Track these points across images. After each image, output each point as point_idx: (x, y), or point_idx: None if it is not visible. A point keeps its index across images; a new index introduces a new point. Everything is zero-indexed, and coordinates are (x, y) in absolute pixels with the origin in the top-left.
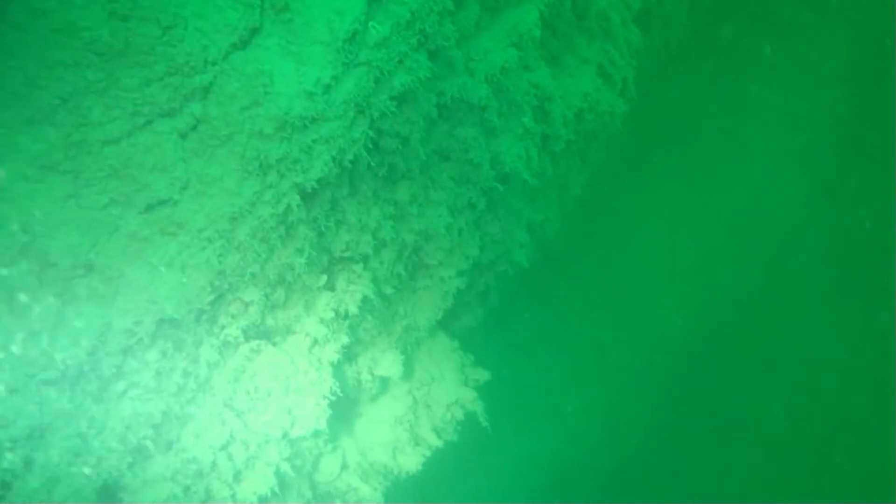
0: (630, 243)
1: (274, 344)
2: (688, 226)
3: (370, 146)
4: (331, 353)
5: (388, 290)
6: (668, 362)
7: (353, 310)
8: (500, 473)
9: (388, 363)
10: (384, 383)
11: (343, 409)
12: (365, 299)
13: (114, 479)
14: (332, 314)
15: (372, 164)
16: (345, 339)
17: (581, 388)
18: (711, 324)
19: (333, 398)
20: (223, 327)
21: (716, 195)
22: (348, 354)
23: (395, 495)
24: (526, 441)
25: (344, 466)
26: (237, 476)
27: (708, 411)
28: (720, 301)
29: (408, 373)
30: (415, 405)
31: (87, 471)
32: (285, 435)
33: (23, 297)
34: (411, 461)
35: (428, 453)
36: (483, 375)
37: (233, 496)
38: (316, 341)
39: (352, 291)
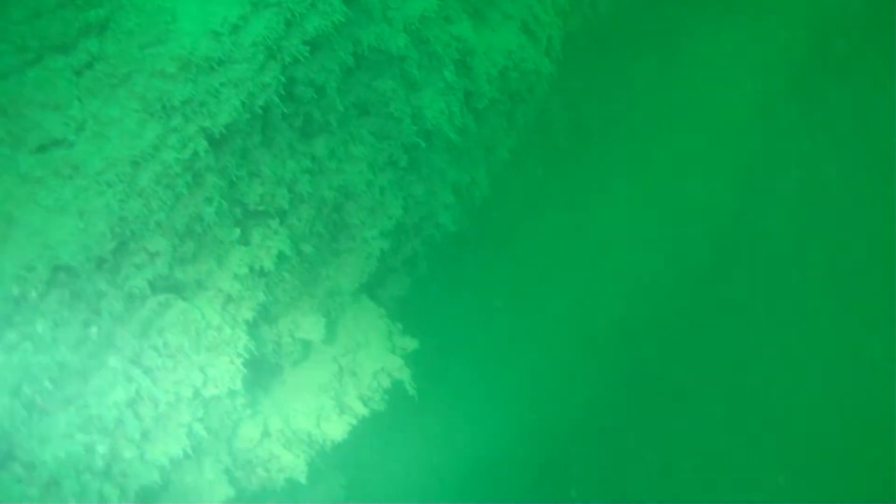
0: (566, 218)
1: (184, 299)
2: (630, 203)
3: (283, 93)
4: (246, 311)
5: (308, 249)
6: (608, 346)
7: (269, 266)
8: (431, 445)
9: (310, 326)
10: (306, 348)
11: (264, 375)
12: (281, 255)
13: (6, 435)
14: (246, 270)
15: (286, 112)
16: (261, 297)
17: (512, 367)
18: (658, 305)
19: (249, 357)
20: (127, 278)
21: (658, 174)
22: (267, 316)
23: (320, 464)
24: (456, 416)
25: (265, 434)
26: (146, 435)
27: (653, 400)
28: (668, 281)
29: (332, 339)
30: (340, 372)
31: None
32: (197, 394)
33: None
34: (336, 429)
35: (354, 421)
36: (411, 344)
37: (141, 456)
38: (230, 298)
39: (267, 247)
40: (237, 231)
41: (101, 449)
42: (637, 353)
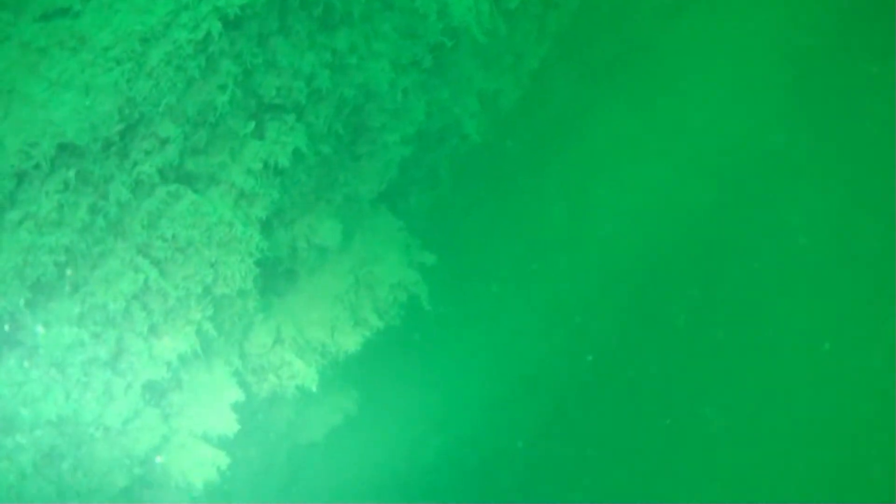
0: (598, 137)
1: (195, 191)
2: (669, 132)
3: None
4: (259, 209)
5: (326, 150)
6: (635, 273)
7: (285, 163)
8: (449, 365)
9: (327, 232)
10: (322, 255)
11: (278, 280)
12: (297, 153)
13: (10, 316)
14: (260, 165)
15: None
16: (275, 196)
17: (535, 287)
18: (681, 243)
19: (261, 257)
20: (136, 164)
21: (700, 108)
22: (283, 218)
23: (332, 375)
24: (475, 335)
25: (278, 340)
26: (153, 329)
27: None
28: (692, 221)
29: (349, 249)
30: (356, 284)
31: None
32: (208, 291)
33: None
34: (351, 341)
35: (368, 334)
36: (429, 259)
37: (149, 350)
38: (243, 193)
39: (283, 143)
40: (252, 123)
41: (107, 339)
42: (658, 284)
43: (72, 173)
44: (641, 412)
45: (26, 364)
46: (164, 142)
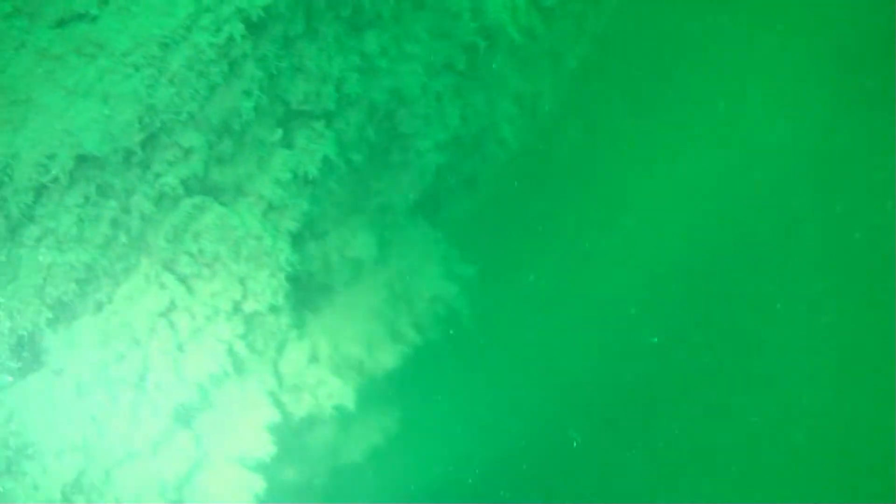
0: (640, 142)
1: (222, 203)
2: (709, 145)
3: None
4: (289, 220)
5: (357, 158)
6: (670, 289)
7: (314, 172)
8: (493, 381)
9: (361, 244)
10: (357, 268)
11: (311, 295)
12: (327, 161)
13: (31, 336)
14: (289, 175)
15: None
16: (305, 207)
17: (578, 298)
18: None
19: (292, 271)
20: (158, 175)
21: (741, 121)
22: (314, 230)
23: (370, 392)
24: (518, 349)
25: (313, 358)
26: (181, 348)
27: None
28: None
29: (385, 261)
30: (393, 298)
31: None
32: (237, 309)
33: None
34: (389, 357)
35: (407, 350)
36: (468, 271)
37: (177, 370)
38: (271, 205)
39: (312, 151)
40: (279, 131)
41: (133, 359)
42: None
43: (92, 186)
44: (714, 405)
45: (52, 387)
46: (188, 152)
